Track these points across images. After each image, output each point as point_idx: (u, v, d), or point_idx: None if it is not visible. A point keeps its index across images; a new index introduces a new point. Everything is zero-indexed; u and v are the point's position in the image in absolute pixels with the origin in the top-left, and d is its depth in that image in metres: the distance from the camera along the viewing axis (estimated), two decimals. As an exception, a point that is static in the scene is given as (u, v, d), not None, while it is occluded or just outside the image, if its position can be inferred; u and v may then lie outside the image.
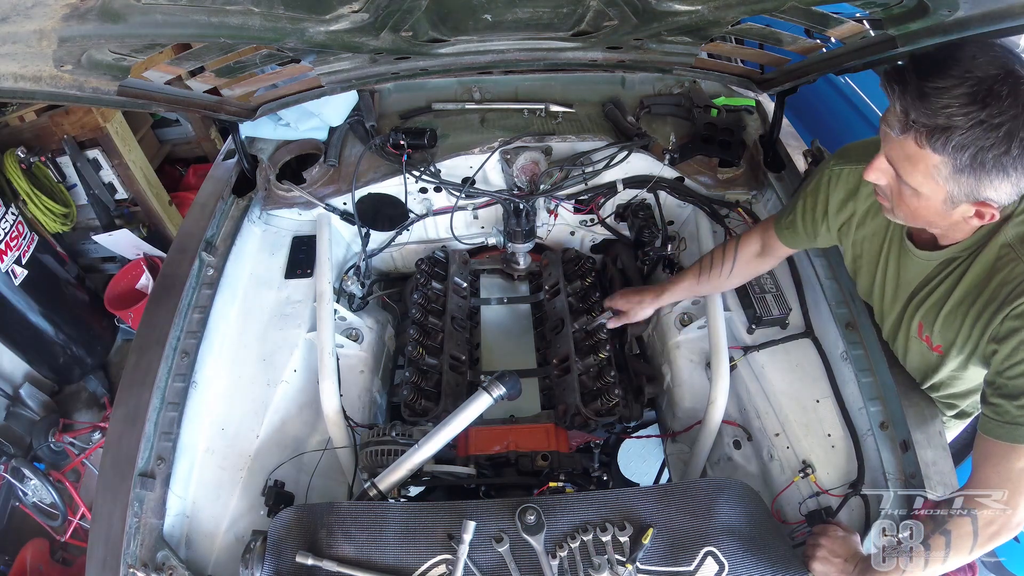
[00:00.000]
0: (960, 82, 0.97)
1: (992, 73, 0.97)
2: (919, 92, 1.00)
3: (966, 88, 0.96)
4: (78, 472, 3.31)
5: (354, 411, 1.89)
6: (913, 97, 1.00)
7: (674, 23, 1.40)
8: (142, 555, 1.40)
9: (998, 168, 0.99)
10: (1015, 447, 1.13)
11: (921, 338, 1.38)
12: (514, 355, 2.13)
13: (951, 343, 1.30)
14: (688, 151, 2.15)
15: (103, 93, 1.31)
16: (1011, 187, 1.02)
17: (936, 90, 0.98)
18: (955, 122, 0.97)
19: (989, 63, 0.98)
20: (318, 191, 2.14)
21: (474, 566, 1.28)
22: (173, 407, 1.61)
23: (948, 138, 0.98)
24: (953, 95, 0.97)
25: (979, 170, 1.00)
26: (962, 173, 1.01)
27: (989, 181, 1.01)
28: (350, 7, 1.25)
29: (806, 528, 1.54)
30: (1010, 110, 0.95)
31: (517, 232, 2.17)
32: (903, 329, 1.43)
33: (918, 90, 1.00)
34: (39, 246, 3.28)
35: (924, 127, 1.00)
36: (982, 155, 0.98)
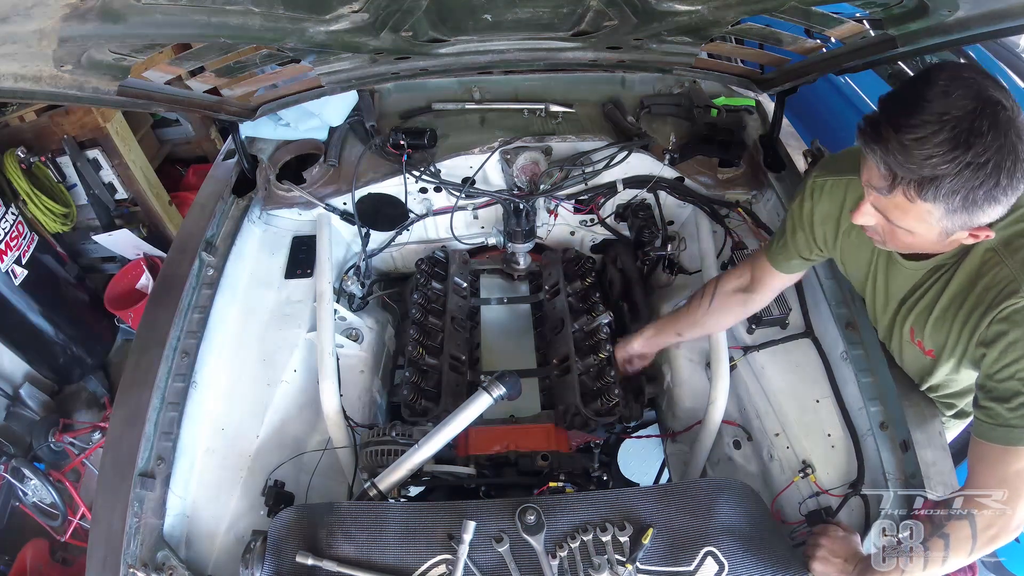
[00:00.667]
0: (939, 127, 0.94)
1: (969, 109, 0.94)
2: (900, 147, 0.97)
3: (946, 133, 0.94)
4: (78, 472, 3.31)
5: (354, 411, 1.89)
6: (896, 154, 0.98)
7: (674, 23, 1.41)
8: (142, 555, 1.40)
9: (990, 200, 0.98)
10: (1009, 449, 1.13)
11: (914, 342, 1.38)
12: (514, 355, 2.13)
13: (942, 347, 1.30)
14: (688, 151, 2.15)
15: (103, 93, 1.31)
16: (1003, 208, 1.01)
17: (916, 141, 0.96)
18: (942, 171, 0.95)
19: (962, 97, 0.95)
20: (318, 191, 2.14)
21: (474, 566, 1.28)
22: (173, 407, 1.61)
23: (938, 188, 0.97)
24: (935, 143, 0.94)
25: (972, 207, 0.99)
26: (955, 213, 1.00)
27: (982, 212, 1.00)
28: (350, 7, 1.25)
29: (806, 528, 1.54)
30: (993, 144, 0.94)
31: (517, 232, 2.17)
32: (896, 334, 1.43)
33: (899, 146, 0.97)
34: (39, 246, 3.28)
35: (912, 182, 0.99)
36: (973, 194, 0.97)
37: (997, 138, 0.93)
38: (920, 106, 0.96)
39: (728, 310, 1.69)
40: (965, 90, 0.96)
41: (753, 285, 1.64)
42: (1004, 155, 0.94)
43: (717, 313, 1.70)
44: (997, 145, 0.94)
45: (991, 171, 0.94)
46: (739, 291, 1.67)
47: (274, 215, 2.16)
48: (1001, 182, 0.95)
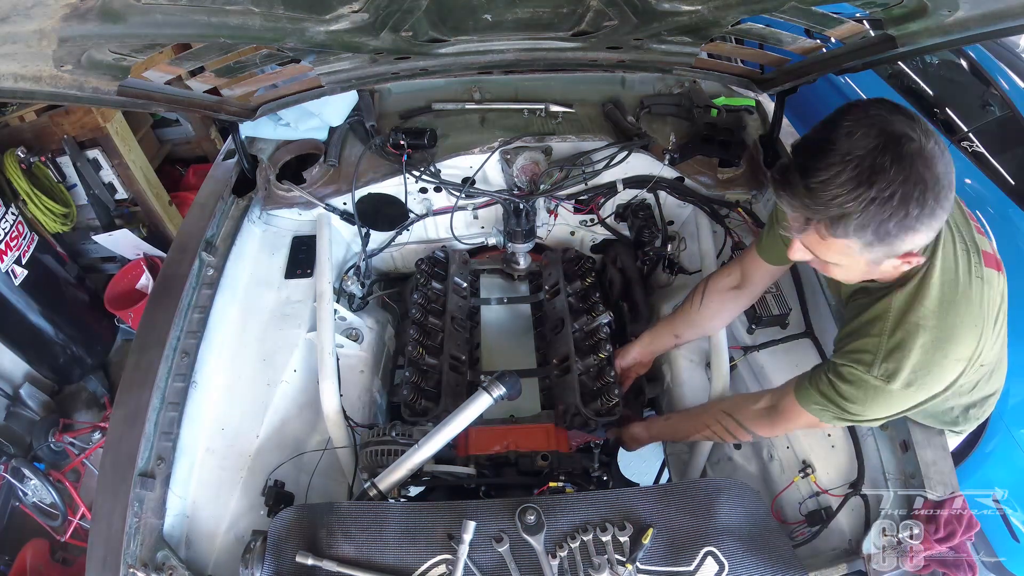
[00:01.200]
0: (842, 167, 0.98)
1: (871, 147, 0.97)
2: (806, 191, 1.01)
3: (849, 173, 0.97)
4: (78, 472, 3.31)
5: (354, 411, 1.89)
6: (802, 197, 1.02)
7: (674, 23, 1.41)
8: (142, 555, 1.40)
9: (904, 229, 1.00)
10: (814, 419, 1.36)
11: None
12: (514, 355, 2.13)
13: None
14: (688, 151, 2.15)
15: (103, 93, 1.31)
16: (924, 235, 1.03)
17: (821, 184, 0.99)
18: (848, 209, 0.98)
19: (865, 136, 0.98)
20: (318, 191, 2.14)
21: (474, 566, 1.28)
22: (173, 407, 1.61)
23: (847, 225, 1.00)
24: (838, 184, 0.98)
25: (886, 238, 1.01)
26: (872, 245, 1.03)
27: (900, 241, 1.02)
28: (350, 7, 1.25)
29: (806, 528, 1.54)
30: (898, 177, 0.96)
31: (517, 232, 2.17)
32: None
33: (805, 189, 1.01)
34: (39, 246, 3.28)
35: (821, 221, 1.03)
36: (884, 227, 0.99)
37: (901, 171, 0.96)
38: (825, 149, 1.00)
39: (720, 307, 1.72)
40: (868, 128, 0.99)
41: (744, 280, 1.67)
42: (911, 186, 0.96)
43: (710, 311, 1.73)
44: (902, 178, 0.96)
45: (898, 203, 0.97)
46: (730, 288, 1.69)
47: (274, 215, 2.16)
48: (911, 212, 0.98)
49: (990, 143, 3.07)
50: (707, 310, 1.73)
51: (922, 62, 3.74)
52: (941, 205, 1.00)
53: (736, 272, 1.69)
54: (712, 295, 1.71)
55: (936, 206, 0.99)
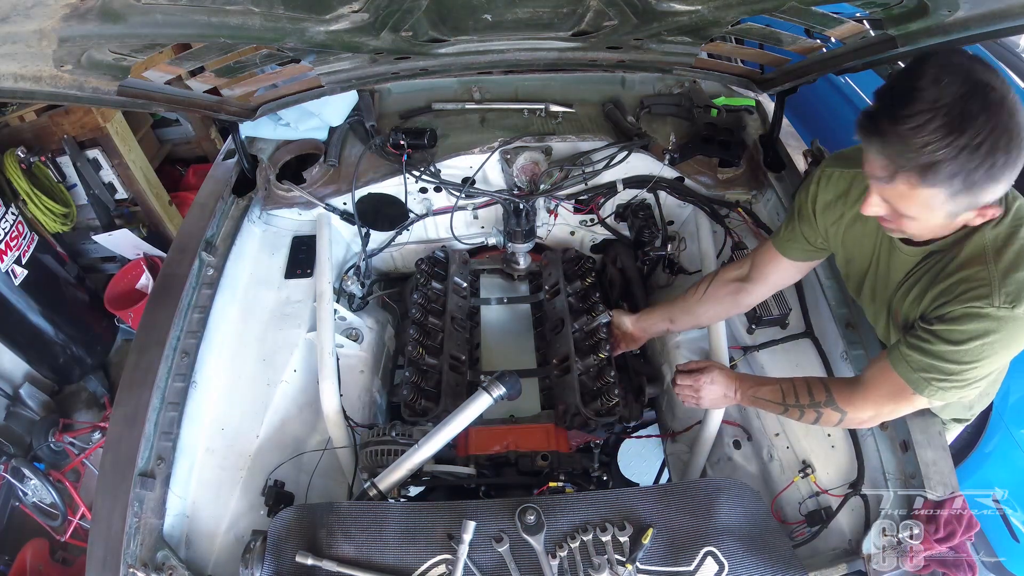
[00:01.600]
0: (933, 114, 0.98)
1: (960, 93, 0.98)
2: (898, 138, 1.01)
3: (940, 120, 0.97)
4: (78, 472, 3.31)
5: (354, 411, 1.89)
6: (894, 144, 1.02)
7: (674, 23, 1.41)
8: (142, 555, 1.40)
9: (990, 179, 1.01)
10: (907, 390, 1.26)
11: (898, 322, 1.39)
12: (514, 355, 2.13)
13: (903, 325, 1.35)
14: (688, 151, 2.15)
15: (103, 93, 1.31)
16: (1004, 185, 1.04)
17: (912, 131, 0.99)
18: (940, 156, 0.98)
19: (952, 83, 0.99)
20: (318, 191, 2.14)
21: (474, 566, 1.28)
22: (173, 407, 1.61)
23: (937, 173, 1.00)
24: (930, 130, 0.98)
25: (972, 187, 1.01)
26: (957, 195, 1.03)
27: (984, 191, 1.03)
28: (350, 7, 1.25)
29: (806, 528, 1.54)
30: (987, 125, 0.97)
31: (517, 232, 2.17)
32: (885, 316, 1.44)
33: (896, 136, 1.01)
34: (39, 246, 3.28)
35: (912, 170, 1.02)
36: (973, 175, 1.00)
37: (990, 119, 0.97)
38: (913, 96, 1.00)
39: (721, 300, 1.69)
40: (954, 76, 0.99)
41: (752, 274, 1.63)
42: (999, 135, 0.97)
43: (709, 302, 1.70)
44: (991, 126, 0.97)
45: (987, 151, 0.97)
46: (735, 280, 1.66)
47: (274, 215, 2.16)
48: (998, 161, 0.98)
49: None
50: (707, 300, 1.70)
51: (922, 62, 3.73)
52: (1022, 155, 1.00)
53: (746, 266, 1.65)
54: (716, 286, 1.69)
55: (1019, 156, 1.00)
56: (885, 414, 1.35)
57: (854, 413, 1.36)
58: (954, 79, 0.99)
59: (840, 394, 1.38)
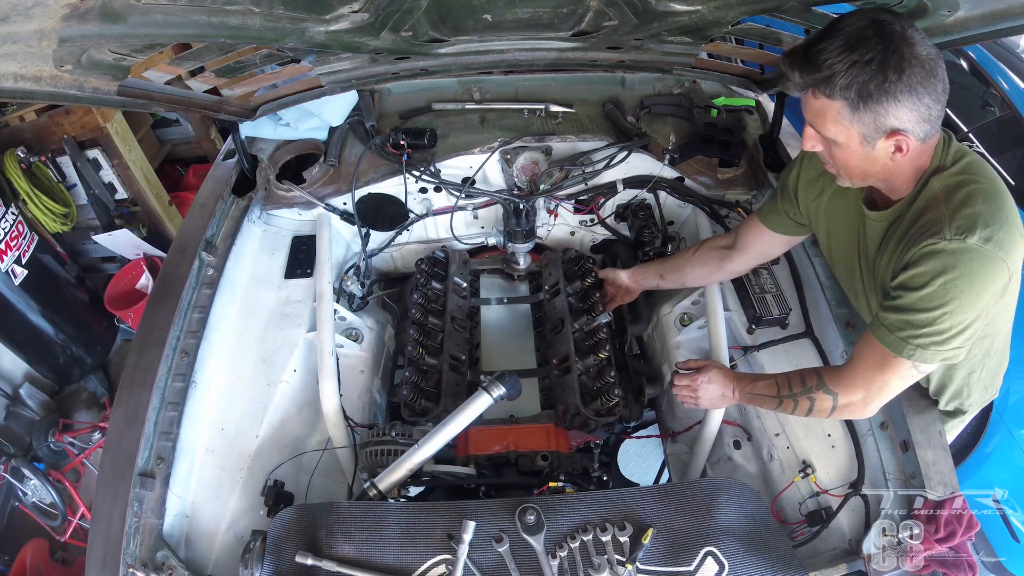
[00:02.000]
0: (834, 39, 1.14)
1: (861, 25, 1.13)
2: (805, 57, 1.17)
3: (839, 41, 1.13)
4: (78, 472, 3.31)
5: (354, 411, 1.89)
6: (801, 62, 1.18)
7: (674, 23, 1.41)
8: (142, 555, 1.40)
9: (885, 95, 1.12)
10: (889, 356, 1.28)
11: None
12: (514, 355, 2.13)
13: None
14: (688, 151, 2.15)
15: (103, 93, 1.31)
16: (910, 112, 1.14)
17: (817, 51, 1.15)
18: (835, 68, 1.13)
19: (859, 19, 1.14)
20: (318, 191, 2.14)
21: (474, 566, 1.28)
22: (173, 407, 1.61)
23: (832, 82, 1.14)
24: (829, 50, 1.14)
25: (869, 101, 1.13)
26: (858, 109, 1.15)
27: (884, 109, 1.13)
28: (350, 7, 1.25)
29: (806, 528, 1.54)
30: (877, 46, 1.10)
31: (517, 232, 2.17)
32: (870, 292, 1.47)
33: (804, 55, 1.17)
34: (39, 246, 3.28)
35: (813, 80, 1.17)
36: (865, 88, 1.12)
37: (882, 42, 1.10)
38: (826, 32, 1.17)
39: (707, 263, 1.84)
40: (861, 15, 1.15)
41: (737, 243, 1.77)
42: (888, 54, 1.10)
43: (697, 263, 1.85)
44: (882, 47, 1.10)
45: (876, 67, 1.11)
46: (722, 247, 1.82)
47: (274, 215, 2.16)
48: (889, 76, 1.10)
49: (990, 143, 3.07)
50: (695, 261, 1.86)
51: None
52: (924, 86, 1.12)
53: (732, 235, 1.81)
54: (704, 249, 1.85)
55: (918, 84, 1.11)
56: (875, 390, 1.33)
57: (845, 394, 1.36)
58: (860, 17, 1.14)
59: (830, 376, 1.40)
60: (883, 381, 1.31)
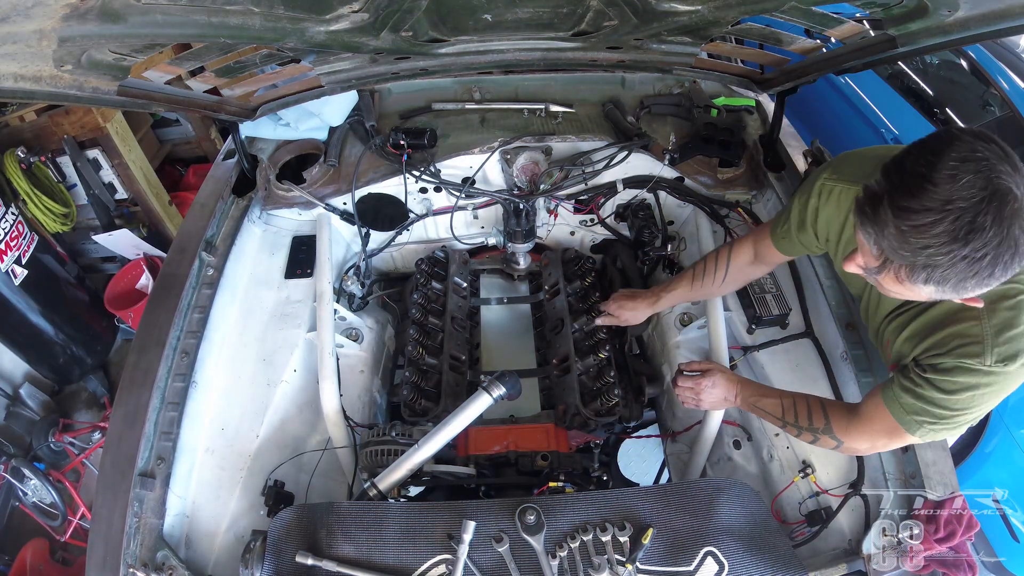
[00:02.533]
0: (940, 216, 0.90)
1: (975, 200, 0.89)
2: (897, 232, 0.94)
3: (947, 225, 0.89)
4: (78, 472, 3.31)
5: (354, 411, 1.89)
6: (892, 239, 0.95)
7: (674, 23, 1.41)
8: (142, 555, 1.40)
9: (981, 286, 0.96)
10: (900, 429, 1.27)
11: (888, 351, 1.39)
12: (514, 355, 2.13)
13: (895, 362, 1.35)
14: (688, 151, 2.15)
15: (103, 93, 1.31)
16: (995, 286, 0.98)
17: (914, 228, 0.92)
18: (936, 261, 0.92)
19: (970, 185, 0.89)
20: (318, 191, 2.14)
21: (474, 566, 1.28)
22: (173, 407, 1.61)
23: (929, 275, 0.95)
24: (933, 234, 0.90)
25: (962, 291, 0.97)
26: (945, 292, 0.99)
27: (971, 291, 0.98)
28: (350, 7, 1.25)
29: (806, 528, 1.54)
30: (994, 240, 0.90)
31: (517, 232, 2.17)
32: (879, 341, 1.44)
33: (896, 231, 0.94)
34: (39, 246, 3.28)
35: (903, 267, 0.97)
36: (964, 283, 0.95)
37: (999, 233, 0.89)
38: (924, 189, 0.91)
39: (738, 281, 1.77)
40: (975, 176, 0.90)
41: (757, 259, 1.69)
42: (1003, 250, 0.91)
43: (730, 284, 1.76)
44: (998, 240, 0.90)
45: (988, 264, 0.92)
46: (748, 264, 1.71)
47: (274, 215, 2.16)
48: (996, 273, 0.93)
49: (990, 143, 3.07)
50: (729, 284, 1.76)
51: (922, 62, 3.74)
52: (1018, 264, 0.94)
53: (751, 249, 1.69)
54: (734, 270, 1.72)
55: (1015, 266, 0.94)
56: (880, 447, 1.36)
57: (850, 444, 1.38)
58: (974, 181, 0.89)
59: (838, 424, 1.38)
60: (888, 443, 1.34)
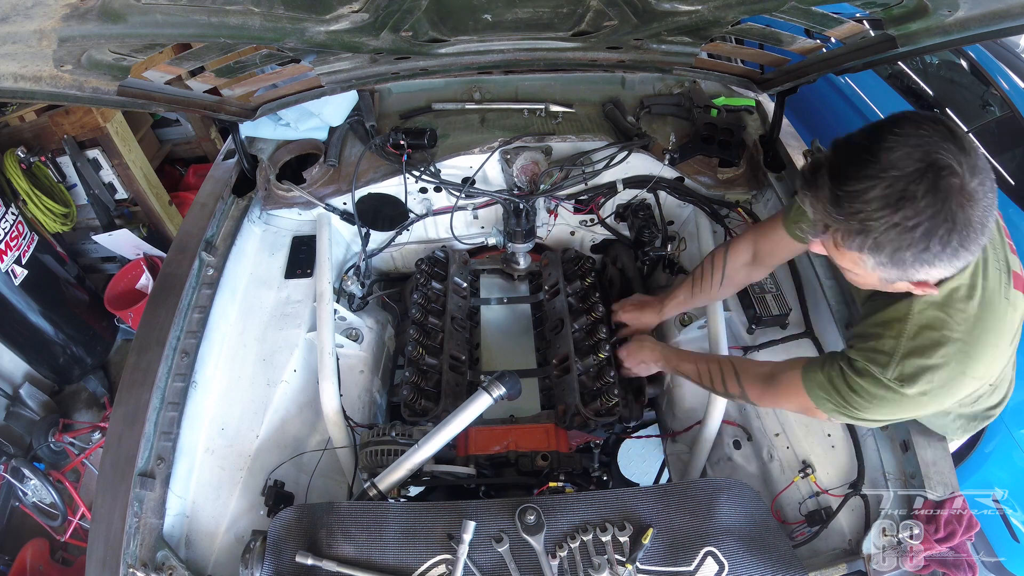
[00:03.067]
0: (874, 183, 0.93)
1: (910, 170, 0.92)
2: (832, 198, 0.98)
3: (879, 191, 0.93)
4: (78, 472, 3.31)
5: (354, 411, 1.89)
6: (826, 203, 0.99)
7: (674, 23, 1.41)
8: (142, 555, 1.40)
9: (920, 261, 0.97)
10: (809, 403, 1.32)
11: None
12: (514, 355, 2.13)
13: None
14: (688, 151, 2.15)
15: (103, 93, 1.31)
16: (941, 270, 1.00)
17: (849, 194, 0.96)
18: (869, 226, 0.95)
19: (908, 155, 0.93)
20: (318, 191, 2.14)
21: (474, 566, 1.28)
22: (173, 407, 1.61)
23: (863, 240, 0.97)
24: (866, 199, 0.94)
25: (901, 264, 0.98)
26: (885, 266, 1.00)
27: (915, 271, 0.99)
28: (350, 7, 1.25)
29: (806, 528, 1.54)
30: (927, 210, 0.92)
31: (517, 232, 2.17)
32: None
33: (831, 195, 0.98)
34: (39, 246, 3.28)
35: (839, 231, 1.00)
36: (900, 253, 0.96)
37: (933, 203, 0.91)
38: (863, 159, 0.95)
39: (737, 284, 1.76)
40: (914, 149, 0.93)
41: (755, 259, 1.66)
42: (938, 222, 0.92)
43: (728, 287, 1.75)
44: (932, 212, 0.92)
45: (920, 236, 0.93)
46: (746, 264, 1.68)
47: (274, 215, 2.16)
48: (932, 247, 0.94)
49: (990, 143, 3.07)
50: (724, 290, 1.75)
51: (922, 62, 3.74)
52: (967, 247, 0.95)
53: (749, 249, 1.66)
54: (729, 273, 1.70)
55: (960, 248, 0.95)
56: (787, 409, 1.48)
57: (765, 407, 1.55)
58: (912, 152, 0.93)
59: (752, 391, 1.44)
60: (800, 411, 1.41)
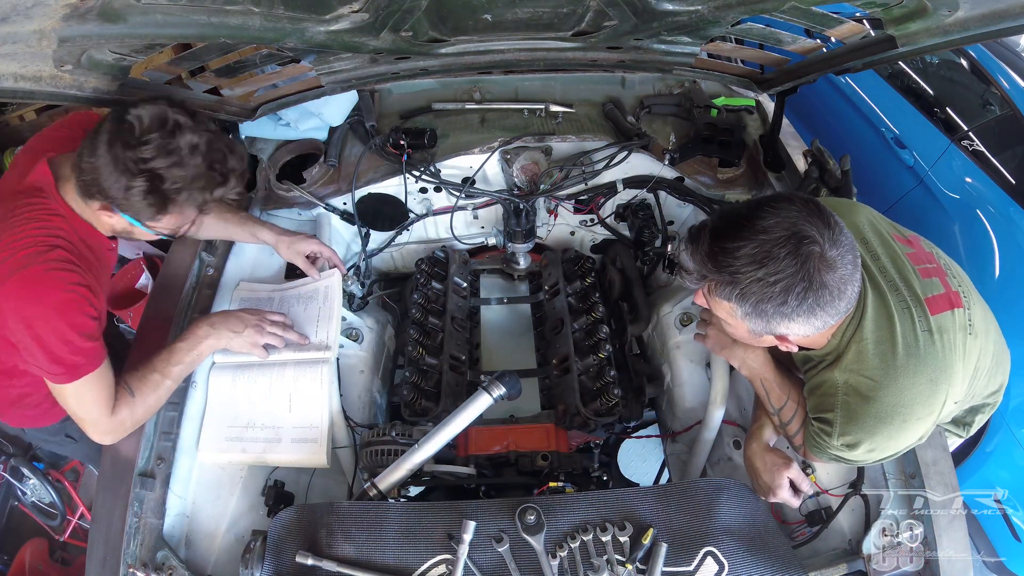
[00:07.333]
0: (745, 243, 1.09)
1: (777, 235, 1.08)
2: (708, 252, 1.14)
3: (749, 249, 1.09)
4: (77, 472, 3.30)
5: (354, 411, 1.89)
6: (703, 256, 1.15)
7: (674, 23, 1.41)
8: (142, 555, 1.40)
9: (780, 315, 1.12)
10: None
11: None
12: (514, 355, 2.12)
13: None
14: (688, 151, 2.15)
15: (103, 93, 1.31)
16: (801, 327, 1.14)
17: (723, 250, 1.12)
18: (737, 279, 1.11)
19: (778, 225, 1.09)
20: (318, 191, 2.14)
21: (474, 566, 1.28)
22: (173, 407, 1.61)
23: (732, 289, 1.12)
24: (737, 255, 1.10)
25: (764, 315, 1.13)
26: (751, 316, 1.15)
27: (776, 323, 1.14)
28: (350, 7, 1.25)
29: (806, 528, 1.54)
30: (787, 269, 1.07)
31: (517, 232, 2.17)
32: None
33: (708, 249, 1.14)
34: (39, 246, 3.27)
35: (714, 281, 1.15)
36: (762, 305, 1.11)
37: (793, 264, 1.07)
38: (739, 224, 1.12)
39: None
40: (783, 220, 1.09)
41: None
42: (795, 280, 1.07)
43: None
44: (791, 271, 1.07)
45: (779, 291, 1.08)
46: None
47: (274, 215, 2.16)
48: (789, 302, 1.09)
49: (990, 142, 3.07)
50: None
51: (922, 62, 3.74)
52: (824, 309, 1.10)
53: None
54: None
55: (817, 308, 1.10)
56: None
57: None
58: (781, 223, 1.09)
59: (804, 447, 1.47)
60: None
